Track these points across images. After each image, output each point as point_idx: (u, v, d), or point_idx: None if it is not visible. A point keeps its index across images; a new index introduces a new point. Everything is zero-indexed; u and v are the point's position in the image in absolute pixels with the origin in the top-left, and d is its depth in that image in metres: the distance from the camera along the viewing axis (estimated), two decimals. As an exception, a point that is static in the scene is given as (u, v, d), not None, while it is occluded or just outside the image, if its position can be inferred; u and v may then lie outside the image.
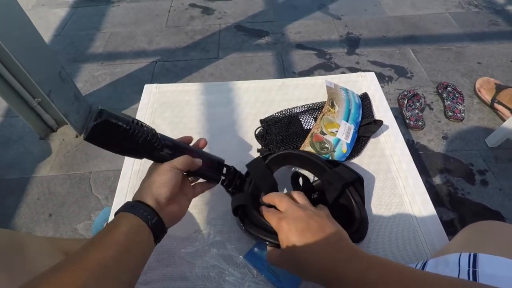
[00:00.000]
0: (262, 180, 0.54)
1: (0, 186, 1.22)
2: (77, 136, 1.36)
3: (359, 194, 0.53)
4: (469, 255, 0.38)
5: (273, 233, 0.45)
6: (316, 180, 0.59)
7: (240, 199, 0.51)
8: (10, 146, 1.35)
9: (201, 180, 0.53)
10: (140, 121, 0.42)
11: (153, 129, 0.44)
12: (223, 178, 0.53)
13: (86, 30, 1.95)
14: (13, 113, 1.38)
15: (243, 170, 0.57)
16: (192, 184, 0.51)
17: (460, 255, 0.39)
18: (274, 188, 0.55)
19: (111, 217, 0.43)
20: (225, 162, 0.54)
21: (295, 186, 0.56)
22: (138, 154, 0.44)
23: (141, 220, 0.38)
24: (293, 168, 0.63)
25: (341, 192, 0.52)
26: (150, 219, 0.39)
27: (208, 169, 0.51)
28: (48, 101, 1.22)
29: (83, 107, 1.43)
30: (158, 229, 0.40)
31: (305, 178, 0.56)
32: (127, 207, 0.40)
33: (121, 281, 0.35)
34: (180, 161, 0.44)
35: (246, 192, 0.53)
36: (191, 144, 0.52)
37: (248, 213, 0.50)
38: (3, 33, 1.00)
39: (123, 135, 0.39)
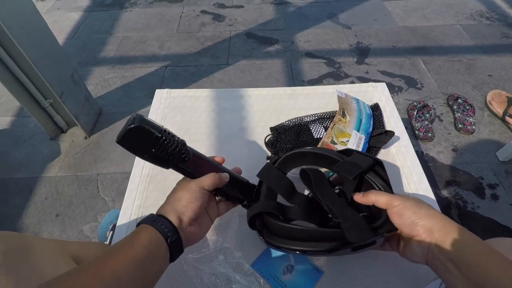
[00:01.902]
0: (278, 184, 0.52)
1: (9, 185, 1.24)
2: (86, 138, 1.38)
3: (382, 179, 0.49)
4: None
5: (299, 240, 0.43)
6: (333, 174, 0.55)
7: (256, 208, 0.48)
8: (20, 146, 1.37)
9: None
10: (171, 131, 0.43)
11: (184, 141, 0.44)
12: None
13: (98, 34, 1.98)
14: (25, 113, 1.40)
15: (251, 177, 0.55)
16: (217, 203, 0.51)
17: None
18: (291, 188, 0.52)
19: (132, 216, 0.43)
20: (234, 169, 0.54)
21: (307, 184, 0.53)
22: (165, 163, 0.44)
23: (161, 236, 0.38)
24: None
25: (360, 182, 0.49)
26: (170, 236, 0.39)
27: (235, 189, 0.50)
28: (60, 102, 1.24)
29: (93, 110, 1.45)
30: (176, 248, 0.40)
31: (315, 172, 0.50)
32: (149, 220, 0.40)
33: None
34: (207, 181, 0.44)
35: (261, 201, 0.51)
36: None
37: (266, 222, 0.47)
38: (19, 35, 1.03)
39: (154, 142, 0.40)
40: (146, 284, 0.36)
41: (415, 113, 1.38)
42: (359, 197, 0.46)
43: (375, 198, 0.43)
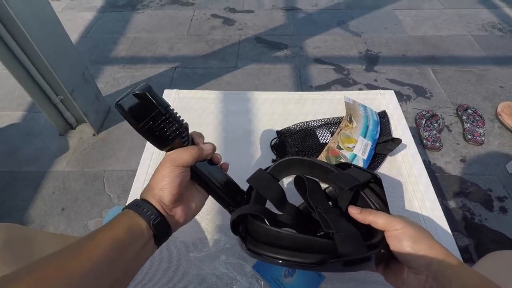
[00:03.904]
0: (268, 188, 0.48)
1: (18, 178, 1.26)
2: (94, 135, 1.40)
3: (378, 197, 0.46)
4: None
5: (286, 248, 0.39)
6: (328, 187, 0.52)
7: (241, 210, 0.43)
8: (30, 140, 1.39)
9: None
10: (176, 113, 0.40)
11: (187, 125, 0.41)
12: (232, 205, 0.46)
13: (110, 34, 2.02)
14: (36, 108, 1.43)
15: None
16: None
17: None
18: (281, 195, 0.49)
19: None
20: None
21: (301, 191, 0.49)
22: (161, 143, 0.40)
23: (143, 219, 0.37)
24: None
25: (355, 196, 0.46)
26: (153, 219, 0.38)
27: (223, 190, 0.45)
28: (70, 99, 1.26)
29: (102, 108, 1.47)
30: (161, 230, 0.39)
31: (311, 180, 0.48)
32: (131, 205, 0.39)
33: (113, 278, 0.34)
34: (184, 156, 0.39)
35: (249, 204, 0.46)
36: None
37: (250, 228, 0.42)
38: (35, 33, 1.05)
39: (155, 116, 0.38)
40: (126, 265, 0.35)
41: (424, 122, 1.37)
42: (355, 212, 0.43)
43: (372, 218, 0.41)
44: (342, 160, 0.62)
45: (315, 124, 0.72)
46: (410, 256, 0.37)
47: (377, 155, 0.66)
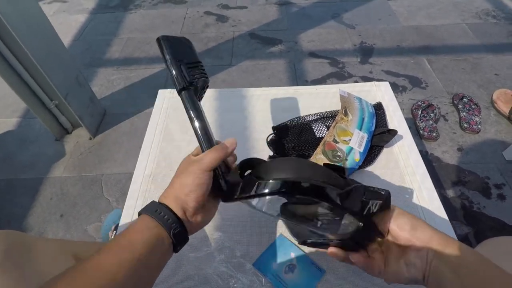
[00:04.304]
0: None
1: (15, 185, 1.25)
2: (90, 139, 1.39)
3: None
4: None
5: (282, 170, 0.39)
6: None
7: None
8: (26, 147, 1.39)
9: None
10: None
11: (208, 81, 0.47)
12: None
13: (103, 36, 2.00)
14: (31, 114, 1.42)
15: None
16: None
17: None
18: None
19: (134, 217, 0.41)
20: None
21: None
22: (182, 81, 0.44)
23: (163, 228, 0.36)
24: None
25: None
26: (174, 228, 0.36)
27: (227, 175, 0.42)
28: (65, 103, 1.25)
29: (98, 111, 1.46)
30: (180, 239, 0.37)
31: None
32: (151, 210, 0.37)
33: None
34: (209, 159, 0.39)
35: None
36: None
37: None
38: (26, 37, 1.04)
39: (191, 57, 0.47)
40: (147, 278, 0.35)
41: (420, 112, 1.37)
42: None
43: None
44: (339, 154, 0.62)
45: (310, 119, 0.72)
46: (410, 232, 0.37)
47: (374, 147, 0.66)
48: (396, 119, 0.73)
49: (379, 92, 0.80)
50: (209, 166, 0.38)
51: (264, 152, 0.69)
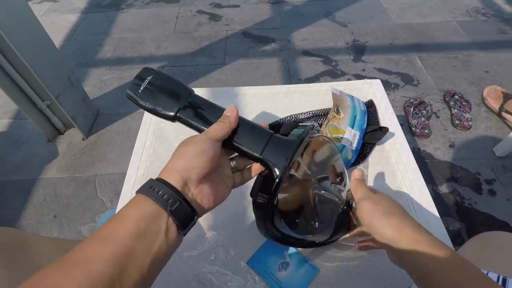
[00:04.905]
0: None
1: (8, 186, 1.24)
2: (83, 139, 1.38)
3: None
4: (498, 277, 0.38)
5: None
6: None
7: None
8: (18, 148, 1.37)
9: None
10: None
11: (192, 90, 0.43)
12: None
13: (95, 35, 1.98)
14: (23, 115, 1.40)
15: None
16: (236, 172, 0.42)
17: (487, 274, 0.38)
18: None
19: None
20: None
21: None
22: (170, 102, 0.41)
23: (158, 205, 0.30)
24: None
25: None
26: (171, 203, 0.31)
27: (247, 139, 0.39)
28: (57, 104, 1.24)
29: (91, 111, 1.45)
30: (182, 216, 0.32)
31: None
32: (145, 188, 0.32)
33: (128, 285, 0.27)
34: (215, 128, 0.36)
35: None
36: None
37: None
38: (14, 38, 1.03)
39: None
40: (141, 270, 0.28)
41: (412, 110, 1.38)
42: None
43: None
44: (331, 152, 0.62)
45: (303, 117, 0.73)
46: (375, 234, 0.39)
47: (366, 145, 0.67)
48: (387, 117, 0.74)
49: (371, 89, 0.81)
50: (214, 134, 0.36)
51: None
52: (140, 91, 0.41)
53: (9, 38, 1.00)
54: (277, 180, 0.37)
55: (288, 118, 0.73)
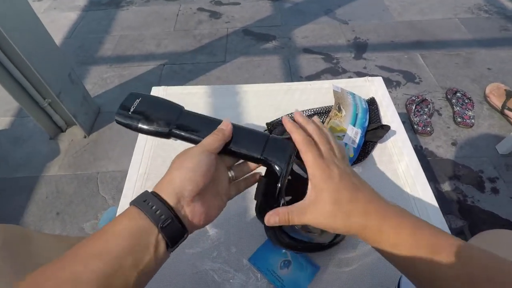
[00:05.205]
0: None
1: (10, 184, 1.24)
2: (85, 137, 1.38)
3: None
4: None
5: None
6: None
7: None
8: (20, 146, 1.37)
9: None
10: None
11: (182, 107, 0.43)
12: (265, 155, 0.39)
13: (96, 33, 1.98)
14: (24, 113, 1.41)
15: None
16: (234, 182, 0.42)
17: None
18: None
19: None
20: None
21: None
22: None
23: (150, 220, 0.30)
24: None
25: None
26: (163, 220, 0.31)
27: (245, 143, 0.40)
28: (58, 102, 1.24)
29: (92, 108, 1.45)
30: (172, 233, 0.32)
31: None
32: (139, 201, 0.32)
33: None
34: (209, 140, 0.36)
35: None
36: None
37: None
38: (15, 36, 1.03)
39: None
40: (131, 284, 0.29)
41: (414, 107, 1.38)
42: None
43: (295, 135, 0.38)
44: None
45: (304, 115, 0.72)
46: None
47: (367, 143, 0.67)
48: (389, 114, 0.74)
49: (373, 87, 0.81)
50: (209, 146, 0.36)
51: (258, 149, 0.69)
52: (130, 114, 0.41)
53: (10, 36, 1.00)
54: (282, 175, 0.38)
55: (290, 115, 0.72)
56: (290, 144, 0.40)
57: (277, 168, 0.38)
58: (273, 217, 0.36)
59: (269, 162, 0.39)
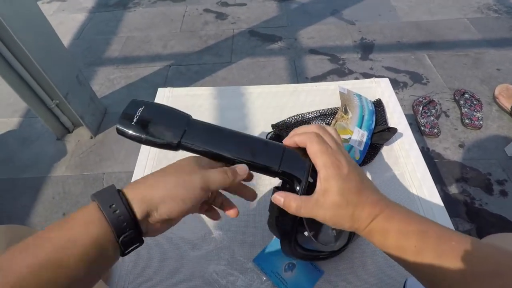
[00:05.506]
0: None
1: (17, 184, 1.26)
2: (92, 138, 1.39)
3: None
4: None
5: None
6: None
7: None
8: (27, 146, 1.39)
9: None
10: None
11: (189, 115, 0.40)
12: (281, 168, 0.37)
13: (103, 35, 2.00)
14: (32, 114, 1.42)
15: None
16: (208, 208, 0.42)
17: None
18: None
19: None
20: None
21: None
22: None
23: (111, 231, 0.28)
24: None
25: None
26: (124, 229, 0.29)
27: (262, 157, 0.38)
28: (65, 103, 1.25)
29: (99, 109, 1.46)
30: (130, 244, 0.30)
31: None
32: (103, 199, 0.30)
33: None
34: (217, 177, 0.34)
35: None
36: None
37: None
38: (25, 37, 1.04)
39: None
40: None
41: (421, 108, 1.36)
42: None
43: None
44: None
45: (310, 116, 0.72)
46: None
47: (374, 145, 0.66)
48: (396, 116, 0.73)
49: (379, 88, 0.80)
50: (213, 184, 0.33)
51: (263, 150, 0.68)
52: (133, 124, 0.37)
53: (19, 37, 1.02)
54: (301, 189, 0.36)
55: (295, 117, 0.72)
56: (305, 155, 0.37)
57: (298, 180, 0.36)
58: (287, 201, 0.34)
59: (288, 176, 0.37)
